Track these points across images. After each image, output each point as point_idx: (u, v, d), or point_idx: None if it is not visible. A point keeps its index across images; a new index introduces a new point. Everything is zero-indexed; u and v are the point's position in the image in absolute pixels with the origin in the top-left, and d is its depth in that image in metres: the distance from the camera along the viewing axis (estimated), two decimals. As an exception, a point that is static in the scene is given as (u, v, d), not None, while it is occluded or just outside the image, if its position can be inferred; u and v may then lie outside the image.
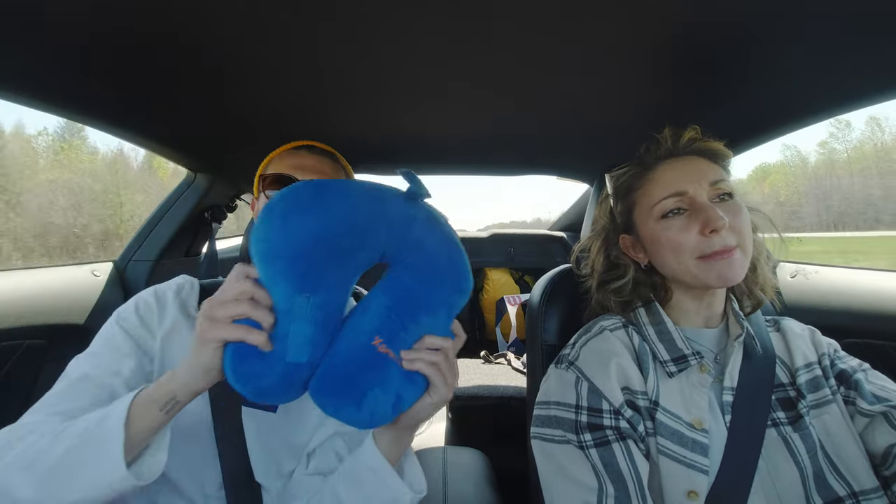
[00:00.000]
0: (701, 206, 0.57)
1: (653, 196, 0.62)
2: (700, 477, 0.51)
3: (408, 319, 0.46)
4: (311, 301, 0.42)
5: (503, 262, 2.22)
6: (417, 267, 0.47)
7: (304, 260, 0.42)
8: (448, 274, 0.47)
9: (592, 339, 0.63)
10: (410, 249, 0.47)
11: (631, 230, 0.67)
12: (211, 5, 0.54)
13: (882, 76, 0.69)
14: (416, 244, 0.47)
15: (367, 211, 0.45)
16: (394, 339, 0.45)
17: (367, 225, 0.45)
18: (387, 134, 1.07)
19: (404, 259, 0.47)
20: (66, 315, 1.04)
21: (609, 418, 0.55)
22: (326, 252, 0.42)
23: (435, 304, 0.47)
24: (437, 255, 0.47)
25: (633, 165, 0.67)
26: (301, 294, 0.41)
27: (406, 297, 0.46)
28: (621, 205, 0.68)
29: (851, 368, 0.59)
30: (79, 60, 0.66)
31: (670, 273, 0.62)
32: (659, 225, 0.60)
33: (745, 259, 0.57)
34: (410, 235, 0.46)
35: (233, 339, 0.41)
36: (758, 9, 0.54)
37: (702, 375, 0.58)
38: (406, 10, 0.55)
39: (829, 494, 0.51)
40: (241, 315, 0.41)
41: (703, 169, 0.60)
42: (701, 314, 0.63)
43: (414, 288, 0.46)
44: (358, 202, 0.44)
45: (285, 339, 0.41)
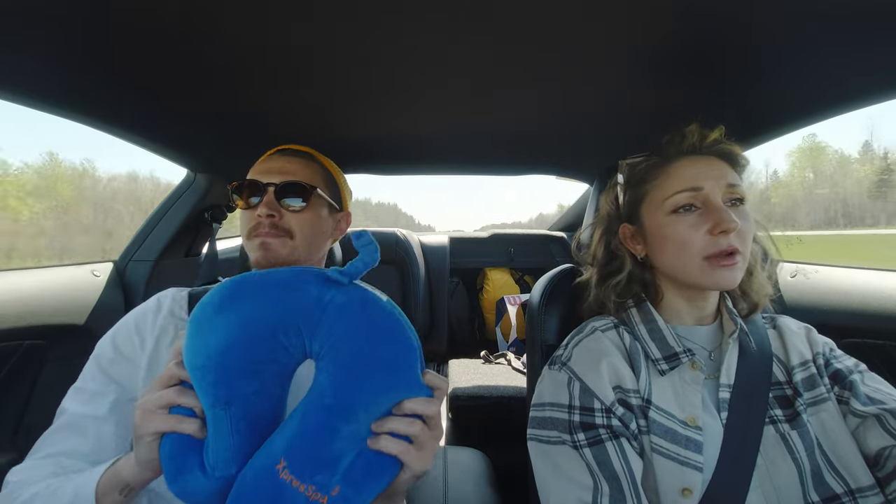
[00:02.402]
0: (714, 206, 0.57)
1: (667, 189, 0.61)
2: (694, 474, 0.52)
3: (321, 431, 0.38)
4: (229, 413, 0.38)
5: (503, 262, 2.22)
6: (331, 364, 0.40)
7: (213, 371, 0.38)
8: (369, 370, 0.39)
9: (584, 340, 0.63)
10: (324, 343, 0.40)
11: (634, 220, 0.67)
12: (211, 5, 0.54)
13: (882, 76, 0.69)
14: (329, 337, 0.40)
15: (280, 306, 0.40)
16: (302, 460, 0.38)
17: (278, 325, 0.39)
18: (387, 134, 1.07)
19: (321, 355, 0.40)
20: (65, 315, 1.04)
21: (601, 417, 0.55)
22: (236, 362, 0.38)
23: (355, 410, 0.39)
24: (352, 345, 0.40)
25: (651, 156, 0.67)
26: (216, 407, 0.38)
27: (317, 405, 0.39)
28: (630, 194, 0.68)
29: (847, 369, 0.59)
30: (78, 60, 0.66)
31: (668, 269, 0.62)
32: (668, 219, 0.60)
33: (744, 266, 0.58)
34: (323, 326, 0.40)
35: (163, 429, 0.39)
36: (758, 9, 0.54)
37: (694, 373, 0.58)
38: (406, 10, 0.55)
39: (827, 492, 0.51)
40: (171, 402, 0.39)
41: (722, 170, 0.60)
42: (693, 314, 0.64)
43: (326, 394, 0.39)
44: (270, 299, 0.40)
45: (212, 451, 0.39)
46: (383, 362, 0.40)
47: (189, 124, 0.96)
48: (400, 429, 0.39)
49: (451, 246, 2.11)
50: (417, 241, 2.02)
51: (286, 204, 0.67)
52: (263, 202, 0.66)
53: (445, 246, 2.08)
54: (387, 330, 0.41)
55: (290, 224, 0.67)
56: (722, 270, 0.56)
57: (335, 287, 0.41)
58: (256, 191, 0.67)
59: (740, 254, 0.56)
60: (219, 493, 0.38)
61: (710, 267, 0.56)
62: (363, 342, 0.40)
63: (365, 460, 0.39)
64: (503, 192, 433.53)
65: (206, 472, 0.39)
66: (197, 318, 0.40)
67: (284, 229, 0.67)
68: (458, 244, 2.19)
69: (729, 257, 0.56)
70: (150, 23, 0.57)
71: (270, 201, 0.66)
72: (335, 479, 0.37)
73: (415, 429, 0.39)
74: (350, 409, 0.39)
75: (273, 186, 0.67)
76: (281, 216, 0.67)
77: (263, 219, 0.66)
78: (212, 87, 0.78)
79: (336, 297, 0.41)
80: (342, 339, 0.40)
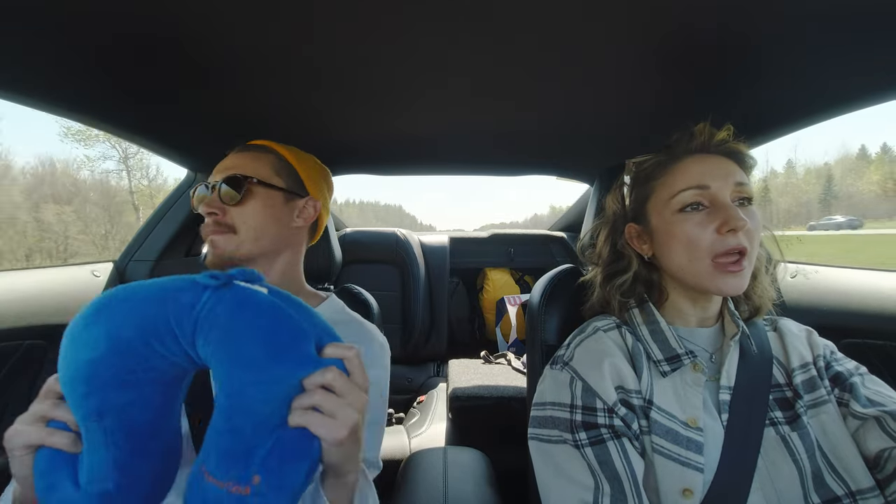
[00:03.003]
0: (722, 205, 0.57)
1: (673, 187, 0.61)
2: (695, 475, 0.52)
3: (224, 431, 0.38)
4: (103, 425, 0.37)
5: (503, 262, 2.22)
6: (217, 366, 0.39)
7: (83, 383, 0.37)
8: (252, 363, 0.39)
9: (586, 340, 0.63)
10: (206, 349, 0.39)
11: (640, 220, 0.66)
12: (211, 6, 0.54)
13: (882, 76, 0.69)
14: (207, 342, 0.39)
15: (147, 317, 0.39)
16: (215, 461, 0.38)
17: (150, 333, 0.38)
18: (387, 134, 1.07)
19: (208, 360, 0.40)
20: (65, 315, 1.04)
21: (603, 416, 0.55)
22: (106, 373, 0.38)
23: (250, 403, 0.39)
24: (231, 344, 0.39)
25: (658, 154, 0.66)
26: (88, 419, 0.37)
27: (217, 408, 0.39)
28: (637, 192, 0.67)
29: (848, 371, 0.59)
30: (78, 60, 0.66)
31: (676, 269, 0.61)
32: (675, 217, 0.60)
33: (750, 269, 0.57)
34: (200, 332, 0.39)
35: (31, 442, 0.38)
36: (758, 9, 0.54)
37: (695, 374, 0.58)
38: (406, 10, 0.55)
39: (827, 494, 0.51)
40: (45, 416, 0.38)
41: (730, 169, 0.59)
42: (696, 315, 0.64)
43: (220, 394, 0.39)
44: (135, 309, 0.39)
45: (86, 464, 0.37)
46: (266, 353, 0.39)
47: (189, 124, 0.96)
48: (304, 402, 0.39)
49: (451, 246, 2.11)
50: (417, 241, 2.02)
51: (226, 198, 0.68)
52: (205, 202, 0.68)
53: (445, 246, 2.08)
54: (266, 321, 0.40)
55: (233, 219, 0.68)
56: (728, 276, 0.55)
57: (210, 292, 0.40)
58: (210, 192, 0.69)
59: (747, 257, 0.56)
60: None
61: (717, 271, 0.56)
62: (241, 340, 0.39)
63: (280, 447, 0.38)
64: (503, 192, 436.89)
65: (80, 486, 0.37)
66: (69, 333, 0.39)
67: (227, 225, 0.68)
68: (458, 244, 2.19)
69: (736, 263, 0.55)
70: (149, 23, 0.57)
71: (212, 200, 0.68)
72: (252, 470, 0.37)
73: (315, 398, 0.39)
74: (244, 405, 0.38)
75: (217, 185, 0.68)
76: (224, 213, 0.68)
77: (207, 217, 0.68)
78: (212, 87, 0.78)
79: (209, 302, 0.39)
80: (221, 342, 0.39)
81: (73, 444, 0.38)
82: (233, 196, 0.68)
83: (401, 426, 1.44)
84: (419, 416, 1.51)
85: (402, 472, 0.92)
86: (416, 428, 1.40)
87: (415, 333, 1.87)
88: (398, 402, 1.74)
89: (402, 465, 0.97)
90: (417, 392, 1.79)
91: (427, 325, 1.95)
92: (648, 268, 0.66)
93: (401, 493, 0.84)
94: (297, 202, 0.76)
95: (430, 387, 1.75)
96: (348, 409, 0.40)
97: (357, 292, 0.93)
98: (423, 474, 0.88)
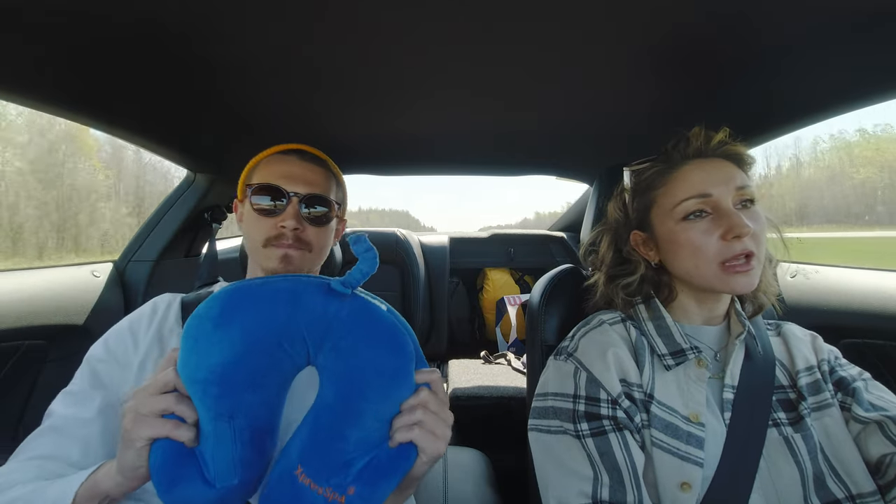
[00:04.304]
0: (725, 211, 0.57)
1: (675, 195, 0.60)
2: (694, 469, 0.52)
3: (331, 438, 0.40)
4: (233, 424, 0.38)
5: (503, 262, 2.22)
6: (336, 376, 0.41)
7: (216, 385, 0.38)
8: (373, 381, 0.41)
9: (591, 331, 0.63)
10: (329, 355, 0.41)
11: (645, 227, 0.66)
12: (211, 7, 0.54)
13: (882, 76, 0.69)
14: (333, 350, 0.41)
15: (281, 318, 0.40)
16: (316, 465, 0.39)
17: (283, 335, 0.40)
18: (387, 134, 1.07)
19: (326, 367, 0.41)
20: (65, 316, 1.04)
21: (606, 408, 0.55)
22: (241, 375, 0.38)
23: (362, 418, 0.40)
24: (357, 358, 0.41)
25: (656, 162, 0.66)
26: (219, 420, 0.38)
27: (326, 414, 0.41)
28: (638, 201, 0.67)
29: (851, 377, 0.59)
30: (78, 60, 0.66)
31: (684, 275, 0.61)
32: (679, 226, 0.60)
33: (759, 268, 0.57)
34: (329, 339, 0.41)
35: (158, 435, 0.38)
36: (758, 9, 0.54)
37: (699, 370, 0.58)
38: (407, 10, 0.55)
39: (828, 496, 0.51)
40: (167, 410, 0.38)
41: (730, 173, 0.59)
42: (702, 315, 0.64)
43: (333, 403, 0.41)
44: (273, 310, 0.40)
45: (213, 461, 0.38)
46: (386, 372, 0.41)
47: (189, 124, 0.96)
48: (406, 421, 0.41)
49: (451, 246, 2.11)
50: (417, 241, 2.02)
51: (310, 215, 0.66)
52: (289, 213, 0.64)
53: (445, 246, 2.08)
54: (388, 340, 0.42)
55: (311, 237, 0.66)
56: (738, 276, 0.55)
57: (339, 299, 0.41)
58: (279, 197, 0.64)
59: (755, 257, 0.56)
60: (218, 501, 0.38)
61: (726, 273, 0.56)
62: (367, 354, 0.41)
63: (376, 461, 0.40)
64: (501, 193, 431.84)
65: (207, 482, 0.38)
66: (194, 332, 0.39)
67: (306, 242, 0.65)
68: (458, 244, 2.19)
69: (745, 262, 0.55)
70: (150, 24, 0.57)
71: (297, 213, 0.64)
72: (349, 480, 0.39)
73: (417, 416, 0.41)
74: (357, 417, 0.40)
75: (298, 196, 0.64)
76: (304, 229, 0.65)
77: (288, 231, 0.63)
78: (212, 87, 0.78)
79: (340, 310, 0.41)
80: (347, 352, 0.41)
81: (195, 439, 0.38)
82: (321, 217, 0.67)
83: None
84: (419, 416, 1.51)
85: (402, 472, 0.92)
86: (416, 428, 1.40)
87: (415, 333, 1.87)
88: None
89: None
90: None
91: (427, 325, 1.94)
92: (657, 271, 0.66)
93: (401, 493, 0.84)
94: (338, 224, 0.76)
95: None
96: (443, 426, 0.43)
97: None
98: (423, 474, 0.88)
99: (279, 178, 0.65)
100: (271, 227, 0.64)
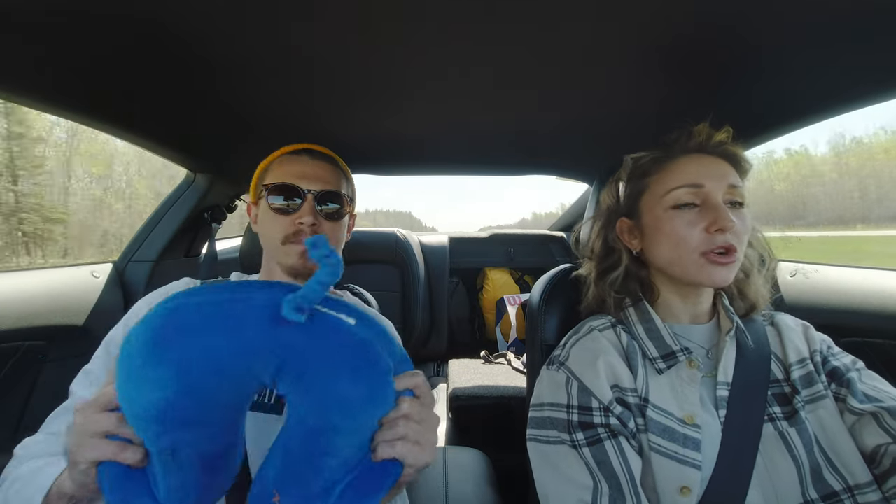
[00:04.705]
0: (714, 205, 0.57)
1: (668, 183, 0.61)
2: (692, 472, 0.52)
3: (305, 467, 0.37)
4: (178, 457, 0.35)
5: (503, 262, 2.22)
6: (303, 408, 0.37)
7: (153, 423, 0.34)
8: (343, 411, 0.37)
9: (581, 340, 0.64)
10: (290, 386, 0.37)
11: (633, 214, 0.67)
12: (210, 7, 0.54)
13: (882, 76, 0.69)
14: (296, 380, 0.37)
15: (222, 354, 0.35)
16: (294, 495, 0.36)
17: (226, 372, 0.35)
18: (388, 133, 1.07)
19: (289, 397, 0.38)
20: (65, 316, 1.04)
21: (599, 416, 0.55)
22: (179, 414, 0.35)
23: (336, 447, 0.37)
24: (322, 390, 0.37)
25: (656, 150, 0.67)
26: (162, 453, 0.35)
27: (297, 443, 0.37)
28: (631, 187, 0.68)
29: (844, 366, 0.59)
30: (78, 60, 0.66)
31: (663, 264, 0.62)
32: (666, 214, 0.60)
33: (738, 264, 0.58)
34: (287, 370, 0.36)
35: (102, 458, 0.35)
36: (758, 9, 0.54)
37: (691, 371, 0.58)
38: (407, 10, 0.55)
39: (825, 489, 0.51)
40: (109, 431, 0.36)
41: (725, 170, 0.60)
42: (688, 312, 0.64)
43: (303, 435, 0.37)
44: (208, 345, 0.35)
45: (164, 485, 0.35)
46: (356, 402, 0.38)
47: (189, 124, 0.96)
48: (390, 435, 0.39)
49: (451, 246, 2.11)
50: (417, 241, 2.02)
51: (324, 211, 0.68)
52: (306, 210, 0.66)
53: (445, 246, 2.08)
54: (357, 365, 0.38)
55: (327, 232, 0.68)
56: (716, 267, 0.56)
57: (292, 326, 0.36)
58: (295, 196, 0.67)
59: (736, 253, 0.56)
60: None
61: (705, 262, 0.57)
62: (332, 386, 0.37)
63: (358, 481, 0.38)
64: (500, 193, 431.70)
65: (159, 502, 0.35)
66: (125, 369, 0.35)
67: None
68: (458, 244, 2.19)
69: (724, 255, 0.56)
70: (150, 24, 0.57)
71: (312, 209, 0.66)
72: (331, 502, 0.37)
73: (400, 430, 0.39)
74: (330, 447, 0.37)
75: (312, 194, 0.67)
76: (320, 224, 0.67)
77: (306, 227, 0.65)
78: (212, 87, 0.78)
79: (294, 338, 0.36)
80: (310, 383, 0.37)
81: (142, 460, 0.36)
82: (335, 213, 0.69)
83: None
84: (419, 416, 1.51)
85: (402, 472, 0.92)
86: (416, 428, 1.40)
87: (415, 333, 1.87)
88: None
89: (402, 465, 0.97)
90: (417, 392, 1.78)
91: (427, 325, 1.94)
92: (637, 264, 0.67)
93: (401, 493, 0.84)
94: (350, 220, 0.78)
95: (430, 387, 1.75)
96: (429, 434, 0.42)
97: (357, 292, 0.93)
98: (423, 474, 0.88)
99: (293, 178, 0.67)
100: (289, 224, 0.66)
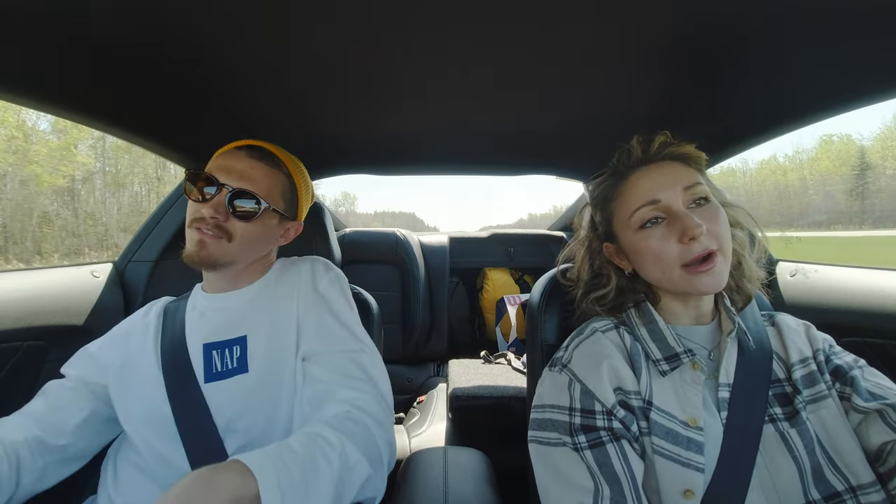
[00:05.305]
0: (677, 214, 0.57)
1: (629, 206, 0.62)
2: (696, 475, 0.52)
3: None
4: None
5: (503, 262, 2.22)
6: None
7: None
8: None
9: (584, 342, 0.63)
10: None
11: (613, 239, 0.67)
12: (210, 7, 0.54)
13: (882, 76, 0.69)
14: None
15: None
16: None
17: None
18: (387, 134, 1.07)
19: None
20: (65, 316, 1.03)
21: (602, 419, 0.55)
22: None
23: None
24: None
25: (607, 175, 0.67)
26: None
27: None
28: (600, 214, 0.69)
29: (847, 365, 0.59)
30: (77, 60, 0.66)
31: (655, 281, 0.62)
32: (638, 235, 0.61)
33: (726, 263, 0.57)
34: None
35: None
36: (758, 9, 0.54)
37: (694, 373, 0.58)
38: (406, 10, 0.55)
39: (828, 489, 0.51)
40: None
41: (677, 174, 0.60)
42: (689, 314, 0.64)
43: None
44: None
45: None
46: None
47: (188, 124, 0.96)
48: None
49: (451, 246, 2.11)
50: (417, 241, 2.02)
51: (236, 208, 0.67)
52: (212, 202, 0.66)
53: (445, 246, 2.08)
54: None
55: (234, 229, 0.67)
56: (702, 276, 0.56)
57: None
58: (209, 185, 0.67)
59: (718, 253, 0.56)
60: None
61: (689, 275, 0.56)
62: None
63: None
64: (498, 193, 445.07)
65: None
66: None
67: (225, 231, 0.67)
68: (458, 244, 2.19)
69: (706, 262, 0.56)
70: (149, 24, 0.57)
71: (220, 204, 0.66)
72: None
73: None
74: None
75: (227, 189, 0.66)
76: (226, 219, 0.66)
77: (207, 218, 0.66)
78: (212, 88, 0.78)
79: None
80: None
81: None
82: (245, 213, 0.67)
83: (401, 426, 1.44)
84: (419, 415, 1.51)
85: (401, 472, 0.92)
86: (416, 428, 1.40)
87: (415, 333, 1.87)
88: (398, 402, 1.74)
89: (402, 464, 0.97)
90: (417, 392, 1.79)
91: (427, 325, 1.94)
92: (633, 280, 0.67)
93: (401, 493, 0.84)
94: (288, 224, 0.77)
95: (431, 387, 1.75)
96: None
97: (357, 292, 0.93)
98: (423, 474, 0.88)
99: (216, 169, 0.68)
100: (197, 209, 0.67)
